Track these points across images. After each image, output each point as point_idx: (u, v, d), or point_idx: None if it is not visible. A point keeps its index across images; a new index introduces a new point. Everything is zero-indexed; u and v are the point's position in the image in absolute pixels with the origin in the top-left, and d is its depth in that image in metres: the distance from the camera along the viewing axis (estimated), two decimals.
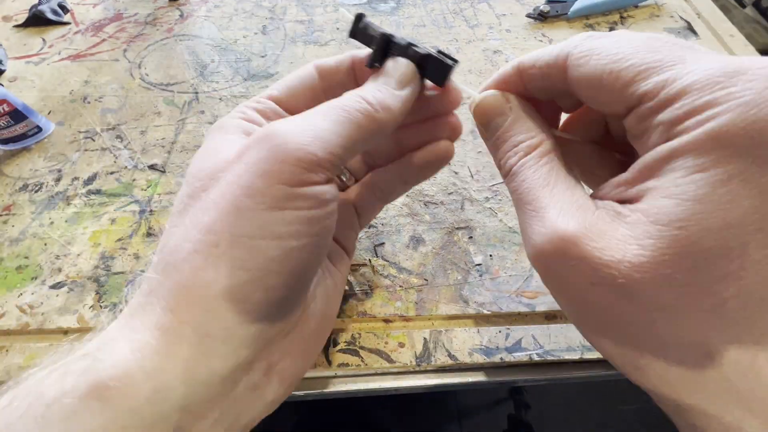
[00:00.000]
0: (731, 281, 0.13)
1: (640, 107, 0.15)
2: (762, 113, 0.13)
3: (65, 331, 0.25)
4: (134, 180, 0.32)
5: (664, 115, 0.15)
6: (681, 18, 0.44)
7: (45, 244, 0.29)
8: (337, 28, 0.44)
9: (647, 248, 0.14)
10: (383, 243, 0.29)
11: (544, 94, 0.20)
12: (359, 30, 0.21)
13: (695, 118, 0.14)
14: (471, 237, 0.29)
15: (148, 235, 0.29)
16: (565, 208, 0.17)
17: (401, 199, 0.31)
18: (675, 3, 0.46)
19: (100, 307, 0.26)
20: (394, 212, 0.30)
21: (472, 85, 0.39)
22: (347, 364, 0.24)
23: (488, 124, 0.20)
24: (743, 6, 0.77)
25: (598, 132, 0.21)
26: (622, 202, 0.16)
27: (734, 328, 0.14)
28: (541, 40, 0.42)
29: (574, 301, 0.17)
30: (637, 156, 0.16)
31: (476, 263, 0.28)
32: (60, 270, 0.27)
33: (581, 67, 0.17)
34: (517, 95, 0.20)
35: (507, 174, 0.19)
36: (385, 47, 0.20)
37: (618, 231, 0.15)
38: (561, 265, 0.16)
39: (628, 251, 0.14)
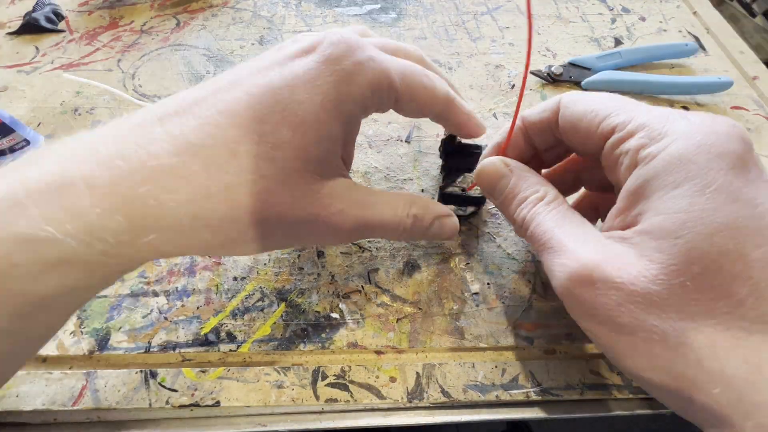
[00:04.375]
0: (742, 281, 0.15)
1: (612, 136, 0.19)
2: (709, 136, 0.16)
3: (44, 359, 0.24)
4: None
5: (631, 143, 0.18)
6: (689, 33, 0.43)
7: None
8: None
9: (656, 261, 0.16)
10: (377, 269, 0.28)
11: (543, 142, 0.24)
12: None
13: (656, 145, 0.17)
14: (468, 263, 0.28)
15: None
16: (580, 241, 0.19)
17: None
18: (684, 17, 0.45)
19: (81, 333, 0.25)
20: None
21: (473, 101, 0.38)
22: (335, 400, 0.23)
23: (494, 188, 0.23)
24: (753, 15, 0.75)
25: (572, 184, 0.26)
26: (623, 229, 0.18)
27: (758, 327, 0.15)
28: (545, 54, 0.41)
29: (606, 326, 0.17)
30: (612, 191, 0.19)
31: (473, 291, 0.27)
32: None
33: (569, 108, 0.21)
34: (514, 159, 0.23)
35: (521, 225, 0.21)
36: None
37: (628, 253, 0.17)
38: (587, 291, 0.17)
39: (643, 267, 0.16)
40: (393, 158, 0.33)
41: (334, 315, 0.26)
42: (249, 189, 0.17)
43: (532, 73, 0.39)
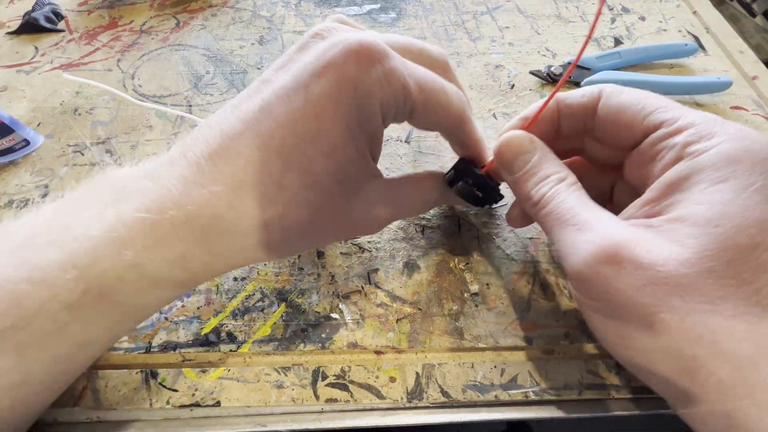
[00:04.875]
0: (763, 271, 0.16)
1: (659, 131, 0.20)
2: (755, 143, 0.18)
3: None
4: None
5: (679, 138, 0.19)
6: (689, 33, 0.43)
7: None
8: None
9: (690, 246, 0.17)
10: (377, 269, 0.28)
11: (569, 128, 0.24)
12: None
13: (706, 143, 0.18)
14: (468, 263, 0.28)
15: None
16: (606, 220, 0.19)
17: (396, 223, 0.30)
18: (683, 17, 0.45)
19: None
20: (388, 236, 0.29)
21: (472, 101, 0.38)
22: (335, 400, 0.23)
23: (513, 162, 0.23)
24: (753, 15, 0.75)
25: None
26: (648, 218, 0.19)
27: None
28: (544, 54, 0.41)
29: (621, 308, 0.18)
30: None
31: (472, 292, 0.27)
32: None
33: (614, 98, 0.21)
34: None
35: (538, 202, 0.21)
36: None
37: (656, 238, 0.18)
38: (611, 269, 0.18)
39: (673, 251, 0.17)
40: (393, 159, 0.33)
41: (334, 315, 0.26)
42: (298, 217, 0.20)
43: (532, 73, 0.39)
